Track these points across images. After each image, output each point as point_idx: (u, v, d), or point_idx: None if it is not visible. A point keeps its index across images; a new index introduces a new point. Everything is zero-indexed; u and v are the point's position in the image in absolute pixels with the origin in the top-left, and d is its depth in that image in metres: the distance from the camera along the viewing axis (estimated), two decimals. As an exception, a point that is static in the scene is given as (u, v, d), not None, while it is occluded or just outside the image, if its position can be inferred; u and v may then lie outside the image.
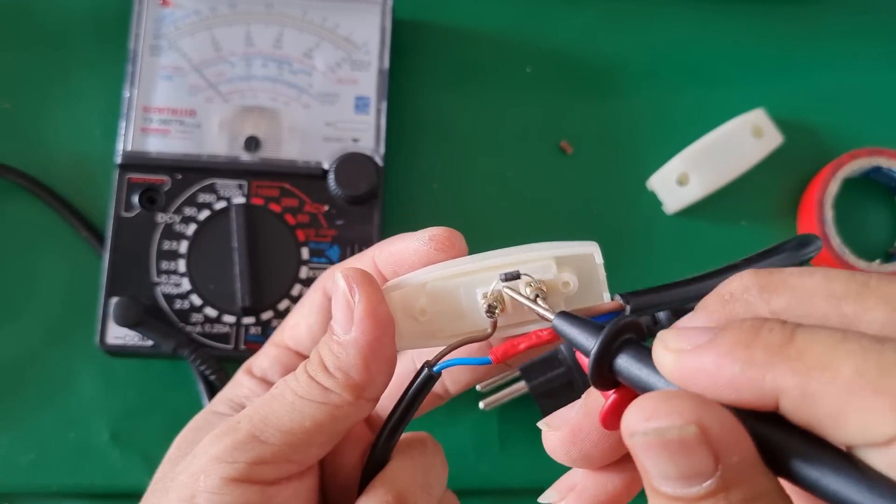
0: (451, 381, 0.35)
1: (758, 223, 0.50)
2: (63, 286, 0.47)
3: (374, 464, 0.30)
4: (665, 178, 0.49)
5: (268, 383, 0.34)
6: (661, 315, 0.37)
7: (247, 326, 0.44)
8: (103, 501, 0.46)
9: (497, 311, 0.27)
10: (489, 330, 0.28)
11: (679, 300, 0.28)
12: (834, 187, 0.48)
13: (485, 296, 0.28)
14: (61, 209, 0.47)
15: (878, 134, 0.51)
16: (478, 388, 0.45)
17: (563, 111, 0.51)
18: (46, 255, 0.47)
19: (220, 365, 0.43)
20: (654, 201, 0.50)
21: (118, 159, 0.45)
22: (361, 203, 0.45)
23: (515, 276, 0.27)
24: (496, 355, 0.28)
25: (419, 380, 0.28)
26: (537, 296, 0.27)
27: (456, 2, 0.52)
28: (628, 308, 0.28)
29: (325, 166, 0.45)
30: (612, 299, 0.28)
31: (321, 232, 0.45)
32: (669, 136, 0.50)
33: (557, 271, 0.28)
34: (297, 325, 0.34)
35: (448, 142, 0.50)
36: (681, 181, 0.49)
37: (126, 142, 0.45)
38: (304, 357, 0.33)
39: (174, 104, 0.46)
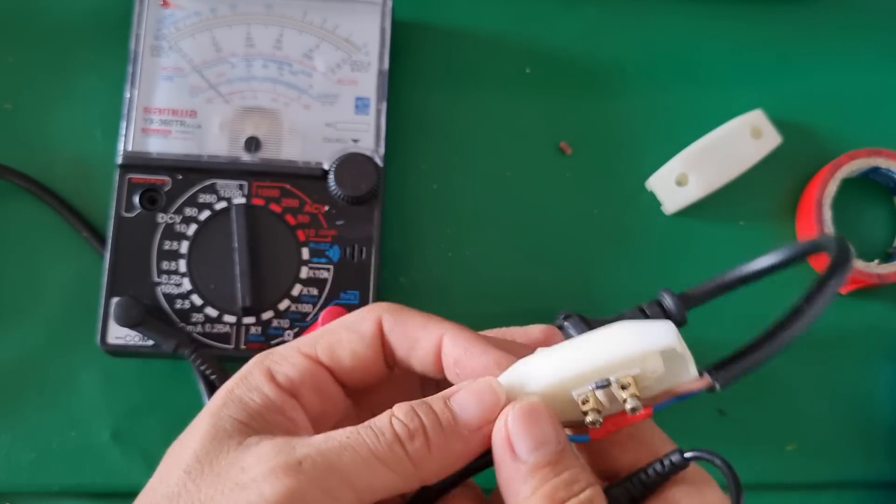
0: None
1: (756, 223, 0.50)
2: (64, 286, 0.47)
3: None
4: (664, 178, 0.49)
5: (295, 398, 0.31)
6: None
7: (247, 326, 0.44)
8: (104, 501, 0.46)
9: (597, 413, 0.29)
10: (589, 421, 0.29)
11: (766, 360, 0.29)
12: (833, 188, 0.48)
13: (581, 398, 0.29)
14: (62, 210, 0.47)
15: (877, 134, 0.51)
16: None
17: (562, 112, 0.51)
18: (47, 255, 0.47)
19: (221, 365, 0.43)
20: (653, 201, 0.50)
21: (119, 160, 0.45)
22: (361, 203, 0.46)
23: (607, 384, 0.29)
24: (594, 435, 0.30)
25: None
26: (633, 408, 0.28)
27: (455, 3, 0.52)
28: (718, 386, 0.29)
29: (326, 167, 0.46)
30: (701, 375, 0.29)
31: (321, 232, 0.45)
32: (668, 136, 0.50)
33: (644, 364, 0.29)
34: (338, 345, 0.32)
35: (447, 142, 0.50)
36: (680, 181, 0.49)
37: (127, 142, 0.45)
38: (338, 378, 0.32)
39: (175, 105, 0.46)
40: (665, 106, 0.51)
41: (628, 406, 0.28)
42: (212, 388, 0.46)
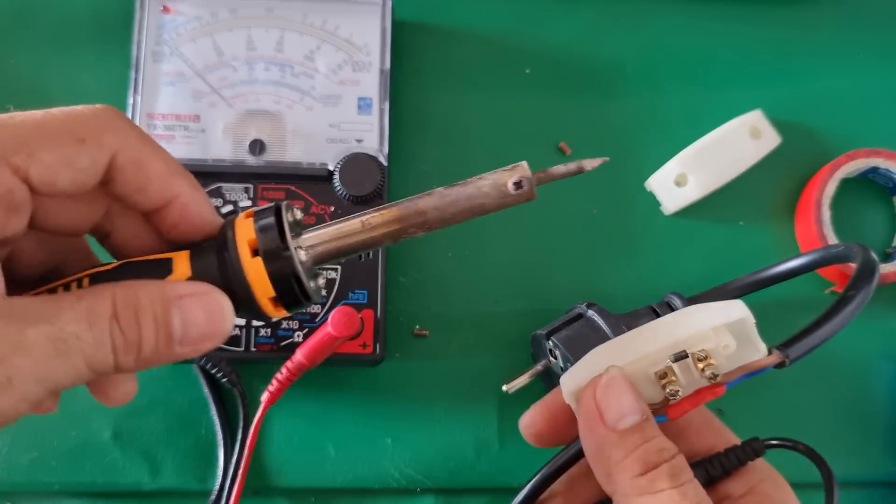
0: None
1: (756, 223, 0.51)
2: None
3: None
4: (663, 178, 0.50)
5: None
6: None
7: (256, 328, 0.44)
8: (104, 500, 0.46)
9: (674, 389, 0.31)
10: (667, 398, 0.32)
11: (830, 336, 0.33)
12: (832, 188, 0.49)
13: (658, 374, 0.31)
14: None
15: (876, 134, 0.51)
16: (504, 388, 0.45)
17: (561, 112, 0.51)
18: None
19: (232, 367, 0.44)
20: (652, 202, 0.50)
21: (124, 165, 0.45)
22: (366, 203, 0.46)
23: (684, 356, 0.31)
24: (672, 413, 0.32)
25: None
26: (714, 375, 0.31)
27: (455, 3, 0.52)
28: (788, 360, 0.32)
29: (330, 167, 0.46)
30: (770, 353, 0.32)
31: (326, 233, 0.46)
32: (668, 137, 0.50)
33: (716, 338, 0.31)
34: (57, 169, 0.28)
35: (448, 142, 0.51)
36: (679, 182, 0.49)
37: (131, 147, 0.45)
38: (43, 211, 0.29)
39: (178, 110, 0.46)
40: (664, 106, 0.51)
41: (707, 373, 0.30)
42: (215, 389, 0.46)
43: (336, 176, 0.45)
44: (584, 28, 0.52)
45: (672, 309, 0.44)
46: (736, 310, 0.31)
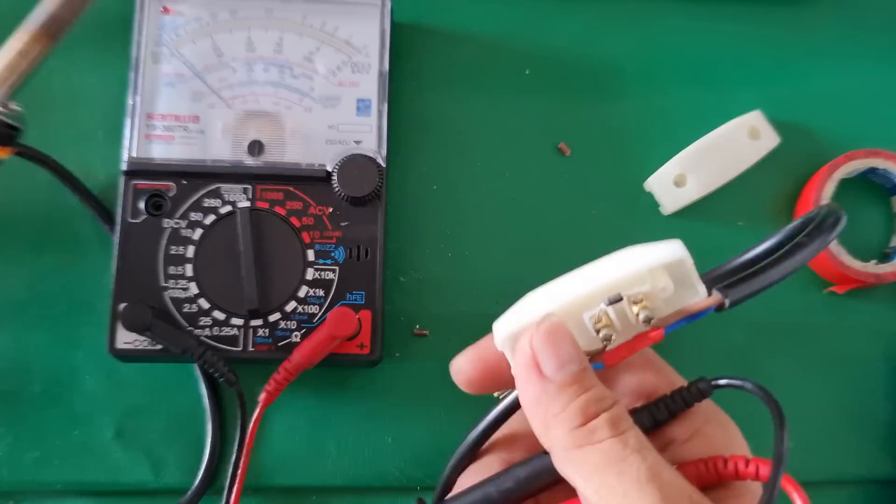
0: None
1: (755, 224, 0.51)
2: (70, 284, 0.47)
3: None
4: (662, 179, 0.50)
5: None
6: None
7: (255, 328, 0.44)
8: (107, 499, 0.47)
9: (609, 333, 0.30)
10: (602, 345, 0.30)
11: (774, 282, 0.30)
12: (830, 188, 0.49)
13: (592, 319, 0.30)
14: (92, 206, 0.47)
15: (875, 135, 0.51)
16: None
17: (561, 113, 0.51)
18: (53, 252, 0.48)
19: (230, 367, 0.44)
20: (651, 202, 0.50)
21: (123, 166, 0.45)
22: (365, 204, 0.46)
23: (618, 299, 0.29)
24: (608, 360, 0.30)
25: None
26: (649, 317, 0.29)
27: (454, 4, 0.52)
28: (727, 303, 0.30)
29: (329, 168, 0.46)
30: (710, 294, 0.30)
31: (326, 234, 0.46)
32: (667, 137, 0.50)
33: (653, 280, 0.29)
34: None
35: (447, 143, 0.51)
36: (678, 182, 0.49)
37: (131, 149, 0.46)
38: None
39: (177, 111, 0.46)
40: (663, 107, 0.51)
41: (641, 316, 0.29)
42: (215, 389, 0.47)
43: (334, 177, 0.45)
44: (584, 29, 0.52)
45: None
46: (674, 250, 0.30)
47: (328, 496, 0.47)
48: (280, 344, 0.44)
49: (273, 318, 0.45)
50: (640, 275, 0.29)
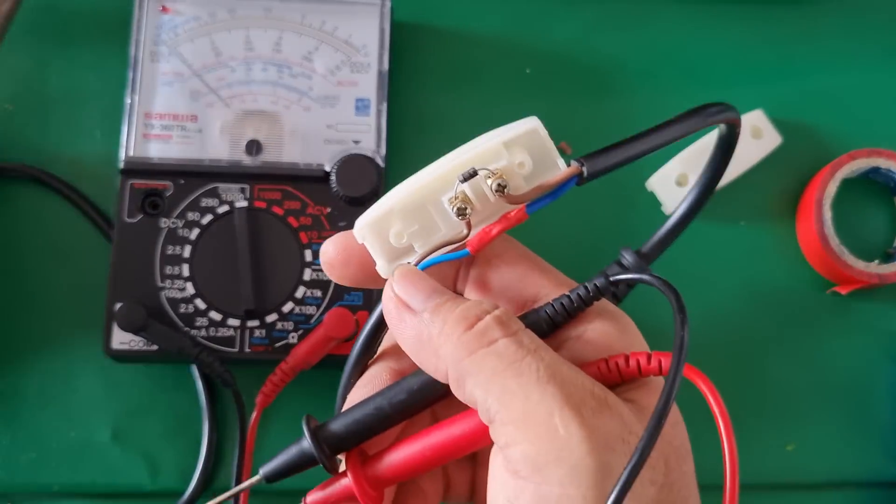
0: None
1: (757, 223, 0.50)
2: (66, 285, 0.47)
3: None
4: (664, 178, 0.49)
5: None
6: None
7: (251, 329, 0.44)
8: (104, 501, 0.46)
9: (468, 212, 0.28)
10: (465, 231, 0.29)
11: (636, 155, 0.30)
12: (833, 188, 0.48)
13: (450, 201, 0.28)
14: (87, 208, 0.47)
15: (877, 134, 0.51)
16: None
17: (562, 112, 0.51)
18: (52, 253, 0.48)
19: (227, 368, 0.44)
20: (653, 202, 0.50)
21: (121, 165, 0.45)
22: (363, 204, 0.46)
23: (473, 174, 0.28)
24: (472, 245, 0.28)
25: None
26: (502, 186, 0.28)
27: (454, 3, 0.52)
28: (585, 170, 0.29)
29: (327, 168, 0.46)
30: (569, 165, 0.29)
31: (324, 234, 0.45)
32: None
33: (510, 155, 0.28)
34: None
35: (448, 142, 0.50)
36: (680, 182, 0.49)
37: (128, 148, 0.45)
38: None
39: (175, 110, 0.46)
40: (665, 106, 0.50)
41: (493, 186, 0.28)
42: (212, 390, 0.46)
43: (332, 177, 0.45)
44: (584, 28, 0.52)
45: (621, 265, 0.44)
46: (527, 122, 0.29)
47: (327, 498, 0.47)
48: (277, 345, 0.44)
49: (270, 318, 0.44)
50: (496, 150, 0.28)
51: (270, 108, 0.47)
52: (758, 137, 0.49)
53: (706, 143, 0.49)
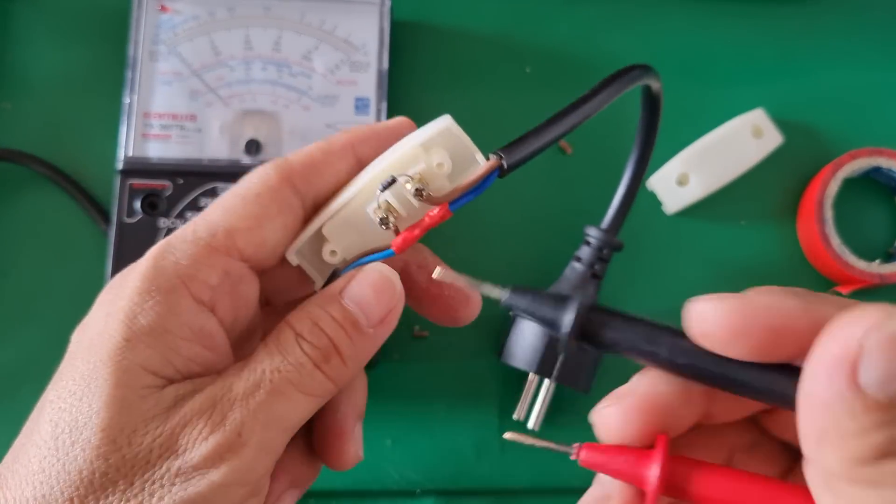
0: None
1: (757, 223, 0.50)
2: (66, 286, 0.47)
3: None
4: (665, 178, 0.49)
5: (213, 311, 0.28)
6: None
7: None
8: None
9: (390, 220, 0.28)
10: (394, 237, 0.29)
11: (555, 138, 0.30)
12: (834, 187, 0.48)
13: (374, 211, 0.28)
14: (87, 204, 0.47)
15: (878, 134, 0.51)
16: (514, 416, 0.45)
17: (562, 111, 0.51)
18: (50, 255, 0.47)
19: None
20: (653, 201, 0.50)
21: (119, 165, 0.45)
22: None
23: (392, 182, 0.28)
24: (397, 245, 0.28)
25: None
26: (420, 189, 0.28)
27: (454, 2, 0.52)
28: (504, 163, 0.29)
29: (326, 168, 0.46)
30: (487, 160, 0.29)
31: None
32: (669, 136, 0.50)
33: (428, 157, 0.28)
34: (256, 230, 0.29)
35: (448, 142, 0.50)
36: (680, 181, 0.49)
37: (127, 148, 0.45)
38: (255, 271, 0.29)
39: (174, 109, 0.46)
40: (665, 105, 0.51)
41: (411, 189, 0.27)
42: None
43: (333, 176, 0.45)
44: (585, 26, 0.52)
45: (587, 243, 0.44)
46: (440, 121, 0.29)
47: (327, 500, 0.47)
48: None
49: (270, 318, 0.44)
50: (413, 153, 0.28)
51: (270, 108, 0.46)
52: (758, 137, 0.49)
53: (708, 142, 0.49)
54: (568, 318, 0.27)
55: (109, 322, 0.27)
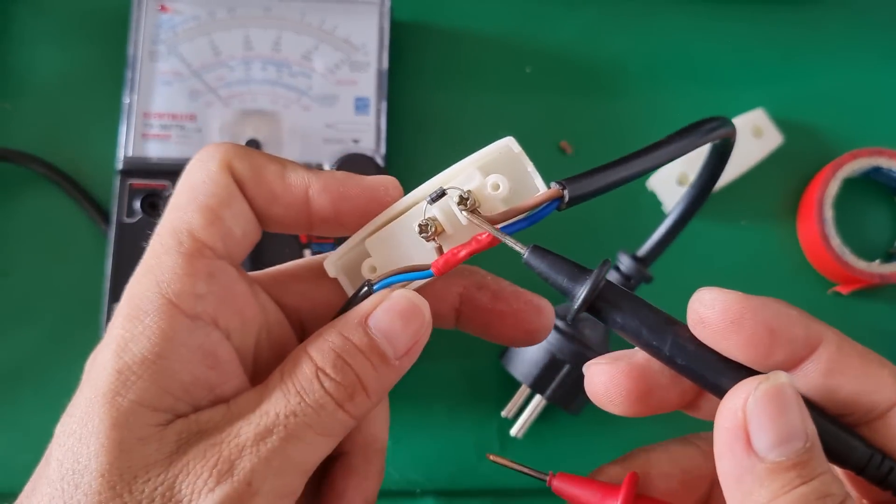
0: None
1: (758, 223, 0.50)
2: (66, 286, 0.47)
3: None
4: (665, 178, 0.49)
5: (215, 324, 0.25)
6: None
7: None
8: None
9: (432, 231, 0.26)
10: (435, 254, 0.27)
11: (620, 181, 0.28)
12: (834, 187, 0.48)
13: (420, 226, 0.27)
14: (86, 205, 0.47)
15: (879, 134, 0.51)
16: (502, 414, 0.46)
17: (562, 111, 0.51)
18: (50, 255, 0.47)
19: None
20: (654, 201, 0.50)
21: (119, 165, 0.45)
22: (361, 205, 0.46)
23: (441, 195, 0.26)
24: (437, 267, 0.26)
25: (359, 295, 0.27)
26: (466, 199, 0.26)
27: (454, 3, 0.52)
28: (566, 193, 0.26)
29: (326, 167, 0.45)
30: (549, 188, 0.27)
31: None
32: (669, 136, 0.50)
33: (483, 177, 0.27)
34: (217, 223, 0.25)
35: (448, 142, 0.50)
36: (681, 181, 0.49)
37: (126, 148, 0.45)
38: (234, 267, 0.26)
39: (174, 109, 0.46)
40: (666, 105, 0.51)
41: (462, 214, 0.26)
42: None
43: (332, 176, 0.45)
44: (586, 27, 0.52)
45: (618, 270, 0.44)
46: (501, 142, 0.27)
47: (326, 499, 0.47)
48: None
49: (270, 318, 0.44)
50: (467, 171, 0.27)
51: (270, 108, 0.46)
52: (759, 137, 0.49)
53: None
54: (581, 292, 0.26)
55: (104, 352, 0.25)
